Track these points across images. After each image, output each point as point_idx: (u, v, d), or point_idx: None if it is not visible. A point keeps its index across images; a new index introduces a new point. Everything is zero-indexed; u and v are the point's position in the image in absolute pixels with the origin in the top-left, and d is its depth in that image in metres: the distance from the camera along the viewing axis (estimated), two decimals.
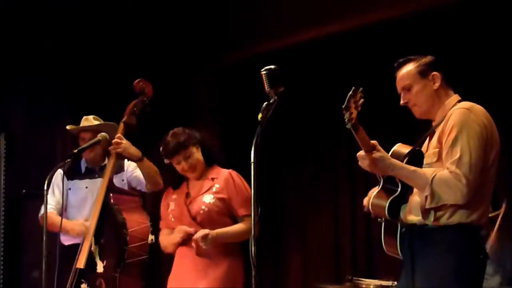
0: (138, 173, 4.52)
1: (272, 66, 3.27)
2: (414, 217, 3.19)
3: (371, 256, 6.00)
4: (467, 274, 3.08)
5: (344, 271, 5.78)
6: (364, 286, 4.72)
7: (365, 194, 3.36)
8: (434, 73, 3.27)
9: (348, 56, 5.93)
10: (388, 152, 3.20)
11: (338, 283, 4.94)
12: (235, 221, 3.99)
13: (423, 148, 3.32)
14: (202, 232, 3.83)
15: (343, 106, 2.95)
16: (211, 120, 6.53)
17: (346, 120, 2.97)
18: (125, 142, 4.36)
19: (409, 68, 3.29)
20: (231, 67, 6.63)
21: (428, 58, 3.31)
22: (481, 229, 3.16)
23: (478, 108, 3.18)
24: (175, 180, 4.12)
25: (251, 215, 3.10)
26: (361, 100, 2.98)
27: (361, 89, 3.00)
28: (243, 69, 6.04)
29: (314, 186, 6.57)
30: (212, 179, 4.03)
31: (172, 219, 4.04)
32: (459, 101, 3.25)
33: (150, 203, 4.77)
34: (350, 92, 2.96)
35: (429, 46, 4.65)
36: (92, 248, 4.24)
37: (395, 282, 4.26)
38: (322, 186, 6.52)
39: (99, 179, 4.47)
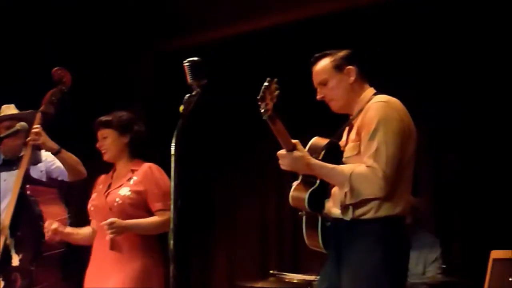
0: (59, 163, 4.41)
1: (195, 58, 3.22)
2: (339, 210, 3.19)
3: (297, 250, 6.01)
4: (395, 265, 3.12)
5: (270, 266, 5.76)
6: (287, 280, 4.73)
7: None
8: (349, 67, 3.27)
9: (286, 49, 5.92)
10: (305, 146, 3.20)
11: (263, 278, 4.93)
12: (152, 216, 3.93)
13: (343, 141, 3.33)
14: (109, 219, 3.77)
15: (258, 97, 2.94)
16: (144, 109, 6.43)
17: (262, 111, 2.95)
18: (43, 134, 4.25)
19: (325, 62, 3.29)
20: (167, 55, 6.54)
21: (343, 52, 3.31)
22: (405, 219, 3.19)
23: (395, 101, 3.19)
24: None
25: (170, 208, 3.04)
26: (277, 92, 2.97)
27: (275, 80, 2.98)
28: (179, 58, 6.00)
29: (242, 180, 6.54)
30: (132, 171, 3.98)
31: (92, 209, 4.00)
32: (374, 94, 3.26)
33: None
34: (265, 83, 2.95)
35: (357, 40, 4.72)
36: (8, 241, 4.11)
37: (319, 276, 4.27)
38: (250, 180, 6.50)
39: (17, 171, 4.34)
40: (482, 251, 4.24)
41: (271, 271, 4.84)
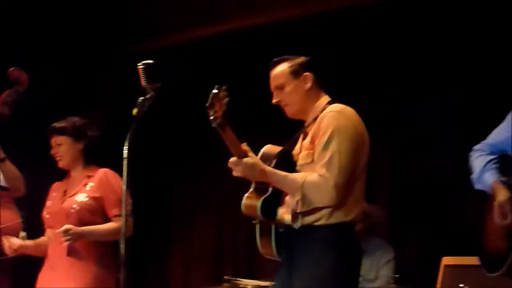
0: None
1: (150, 61, 3.23)
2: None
3: (252, 256, 6.01)
4: (346, 271, 3.15)
5: (225, 272, 5.76)
6: (241, 286, 4.73)
7: None
8: (307, 73, 3.29)
9: (244, 55, 5.94)
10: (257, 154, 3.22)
11: (218, 284, 4.92)
12: (108, 222, 3.90)
13: (297, 149, 3.34)
14: (65, 226, 3.74)
15: (207, 105, 2.93)
16: (106, 113, 6.38)
17: (211, 118, 2.95)
18: None
19: (282, 67, 3.30)
20: (129, 59, 6.49)
21: (301, 59, 3.33)
22: (356, 225, 3.22)
23: (350, 110, 3.22)
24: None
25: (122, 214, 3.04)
26: (226, 99, 2.97)
27: (224, 87, 2.99)
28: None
29: (199, 186, 6.55)
30: (88, 177, 3.95)
31: (47, 216, 3.96)
32: (328, 103, 3.28)
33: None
34: (213, 90, 2.95)
35: (313, 47, 4.74)
36: None
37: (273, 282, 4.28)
38: (207, 186, 6.50)
39: None
40: (434, 258, 4.30)
41: (225, 277, 4.85)
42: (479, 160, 3.00)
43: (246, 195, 3.27)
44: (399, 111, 5.42)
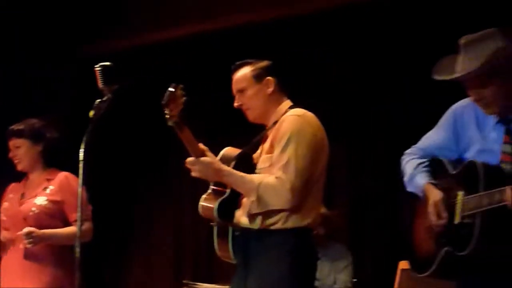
0: None
1: (107, 63, 3.21)
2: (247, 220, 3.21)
3: (212, 260, 6.00)
4: (302, 276, 3.15)
5: (185, 276, 5.75)
6: None
7: None
8: (269, 78, 3.29)
9: (205, 58, 5.95)
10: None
11: None
12: (67, 226, 3.87)
13: (257, 152, 3.35)
14: (27, 229, 3.70)
15: (162, 103, 2.93)
16: (69, 113, 6.32)
17: (166, 117, 2.94)
18: None
19: (245, 71, 3.30)
20: (89, 60, 6.44)
21: (264, 63, 3.33)
22: (313, 230, 3.23)
23: (310, 115, 3.23)
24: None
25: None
26: (183, 98, 2.97)
27: (181, 86, 2.98)
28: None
29: (159, 189, 6.53)
30: (48, 180, 3.92)
31: (4, 218, 3.91)
32: (290, 107, 3.29)
33: None
34: (170, 89, 2.95)
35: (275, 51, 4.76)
36: None
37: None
38: (167, 189, 6.49)
39: None
40: (391, 262, 4.33)
41: (184, 281, 4.84)
42: (410, 163, 3.04)
43: (203, 196, 3.28)
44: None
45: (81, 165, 3.08)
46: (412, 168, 3.02)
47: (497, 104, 2.78)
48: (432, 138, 3.05)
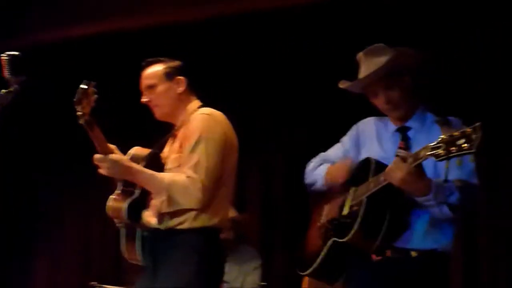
0: None
1: (16, 53, 3.10)
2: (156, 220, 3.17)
3: (120, 262, 5.92)
4: (209, 276, 3.14)
5: (92, 278, 5.64)
6: None
7: None
8: (180, 77, 3.29)
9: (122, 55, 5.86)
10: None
11: None
12: None
13: (164, 152, 3.32)
14: None
15: (74, 100, 2.88)
16: None
17: (78, 115, 2.90)
18: None
19: (156, 68, 3.29)
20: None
21: (176, 63, 3.33)
22: (221, 231, 3.22)
23: (218, 114, 3.23)
24: None
25: None
26: (94, 96, 2.93)
27: (93, 83, 2.95)
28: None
29: (67, 185, 6.41)
30: None
31: None
32: (199, 107, 3.28)
33: None
34: (82, 85, 2.91)
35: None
36: None
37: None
38: (75, 186, 6.36)
39: None
40: None
41: (91, 283, 4.75)
42: (311, 166, 3.20)
43: (112, 197, 3.23)
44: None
45: None
46: (314, 167, 3.18)
47: (404, 106, 2.94)
48: (334, 150, 3.20)
